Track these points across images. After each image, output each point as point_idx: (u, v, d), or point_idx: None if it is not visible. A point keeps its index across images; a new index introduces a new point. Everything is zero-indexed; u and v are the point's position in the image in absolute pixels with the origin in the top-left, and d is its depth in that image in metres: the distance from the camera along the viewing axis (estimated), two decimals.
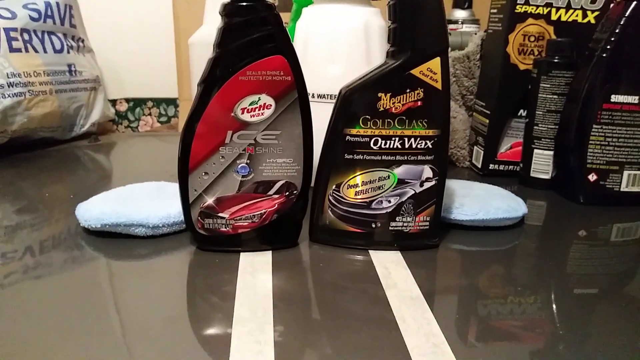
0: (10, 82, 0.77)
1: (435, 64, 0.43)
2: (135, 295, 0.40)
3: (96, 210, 0.48)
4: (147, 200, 0.51)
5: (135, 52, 1.12)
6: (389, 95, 0.43)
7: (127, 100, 1.16)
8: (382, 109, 0.43)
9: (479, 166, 0.73)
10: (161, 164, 0.79)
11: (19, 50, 0.80)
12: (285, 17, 0.42)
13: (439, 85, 0.43)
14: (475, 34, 0.78)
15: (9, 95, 0.76)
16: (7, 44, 0.78)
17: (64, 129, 0.90)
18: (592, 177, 0.61)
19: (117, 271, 0.43)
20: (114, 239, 0.48)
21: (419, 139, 0.44)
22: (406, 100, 0.43)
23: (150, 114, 1.17)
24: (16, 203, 0.59)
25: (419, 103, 0.43)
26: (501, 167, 0.72)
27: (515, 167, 0.71)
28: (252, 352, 0.32)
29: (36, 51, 0.83)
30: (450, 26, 0.94)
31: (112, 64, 1.10)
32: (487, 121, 0.71)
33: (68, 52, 0.89)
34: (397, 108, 0.43)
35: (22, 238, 0.49)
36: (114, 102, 1.13)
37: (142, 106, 1.17)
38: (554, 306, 0.39)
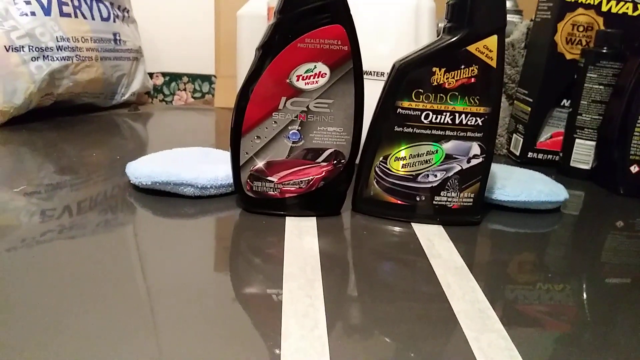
0: (59, 46, 0.79)
1: (491, 41, 0.43)
2: (182, 251, 0.41)
3: (146, 168, 0.50)
4: (194, 162, 0.52)
5: (174, 27, 1.13)
6: (443, 70, 0.43)
7: (164, 74, 1.17)
8: (435, 83, 0.44)
9: (517, 154, 0.73)
10: (199, 135, 0.80)
11: (68, 15, 0.81)
12: None
13: (493, 64, 0.43)
14: (521, 22, 0.77)
15: (57, 59, 0.78)
16: (57, 7, 0.80)
17: (106, 96, 0.91)
18: (634, 169, 0.61)
19: (166, 228, 0.45)
20: (161, 197, 0.49)
21: (469, 115, 0.44)
22: (460, 76, 0.44)
23: (185, 89, 1.19)
24: (60, 162, 0.61)
25: (473, 80, 0.44)
26: (540, 156, 0.72)
27: (554, 156, 0.71)
28: (304, 304, 0.33)
29: (85, 17, 0.84)
30: None
31: (151, 39, 1.12)
32: (529, 109, 0.70)
33: (114, 21, 0.91)
34: (450, 83, 0.44)
35: (65, 196, 0.51)
36: (150, 75, 1.14)
37: (177, 81, 1.18)
38: (584, 294, 0.40)
